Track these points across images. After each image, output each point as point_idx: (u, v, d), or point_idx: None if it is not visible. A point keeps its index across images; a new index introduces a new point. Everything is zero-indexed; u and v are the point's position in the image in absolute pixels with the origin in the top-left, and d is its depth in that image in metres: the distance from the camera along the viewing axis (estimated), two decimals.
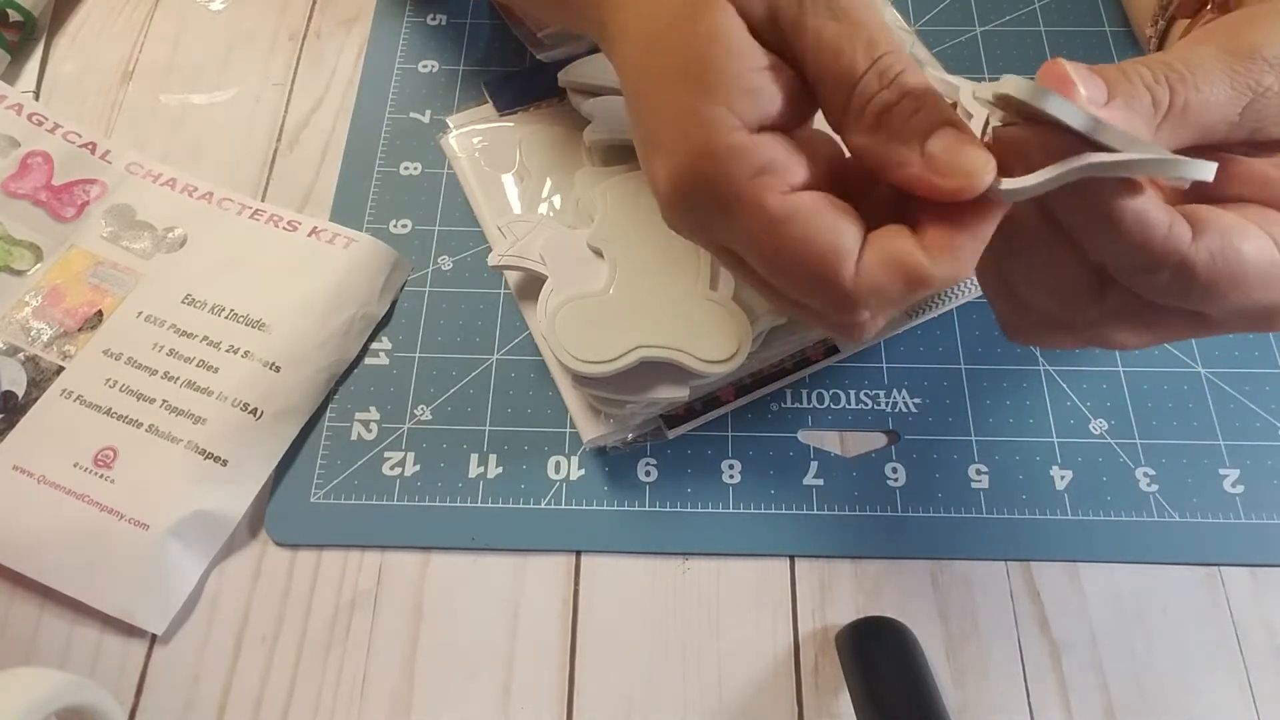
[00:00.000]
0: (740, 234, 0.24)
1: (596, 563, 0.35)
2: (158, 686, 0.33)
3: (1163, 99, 0.23)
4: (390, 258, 0.40)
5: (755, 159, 0.23)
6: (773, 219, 0.23)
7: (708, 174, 0.23)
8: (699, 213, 0.25)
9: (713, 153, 0.23)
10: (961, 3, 0.47)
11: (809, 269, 0.23)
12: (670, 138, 0.24)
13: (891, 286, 0.23)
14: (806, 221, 0.23)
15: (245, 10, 0.48)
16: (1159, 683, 0.33)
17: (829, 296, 0.23)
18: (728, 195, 0.23)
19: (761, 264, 0.24)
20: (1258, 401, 0.37)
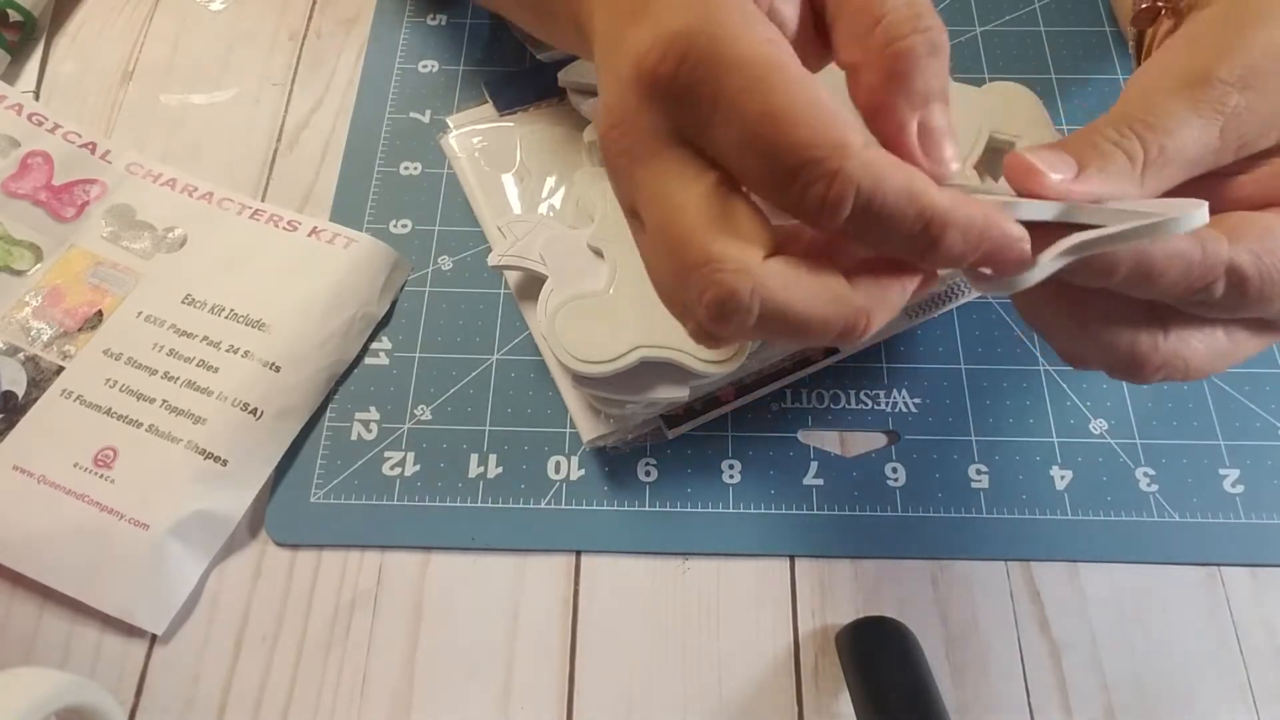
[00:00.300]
0: (733, 93, 0.21)
1: (596, 563, 0.35)
2: (158, 686, 0.33)
3: (1135, 152, 0.23)
4: (390, 258, 0.40)
5: (768, 28, 0.22)
6: (782, 69, 0.21)
7: (713, 24, 0.21)
8: (683, 78, 0.22)
9: (724, 5, 0.21)
10: (961, 3, 0.47)
11: (812, 129, 0.21)
12: (659, 4, 0.22)
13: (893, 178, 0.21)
14: (814, 87, 0.21)
15: (245, 10, 0.48)
16: (1159, 683, 0.33)
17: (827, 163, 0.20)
18: (732, 50, 0.21)
19: (751, 126, 0.21)
20: (1258, 401, 0.37)
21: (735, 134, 0.21)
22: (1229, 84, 0.23)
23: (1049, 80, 0.45)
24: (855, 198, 0.20)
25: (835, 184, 0.20)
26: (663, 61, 0.22)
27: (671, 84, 0.22)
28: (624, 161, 0.24)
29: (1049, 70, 0.45)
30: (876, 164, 0.21)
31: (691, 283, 0.22)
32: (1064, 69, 0.45)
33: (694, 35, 0.21)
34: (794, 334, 0.22)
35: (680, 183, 0.22)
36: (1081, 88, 0.44)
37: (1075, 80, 0.45)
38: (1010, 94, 0.36)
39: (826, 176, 0.20)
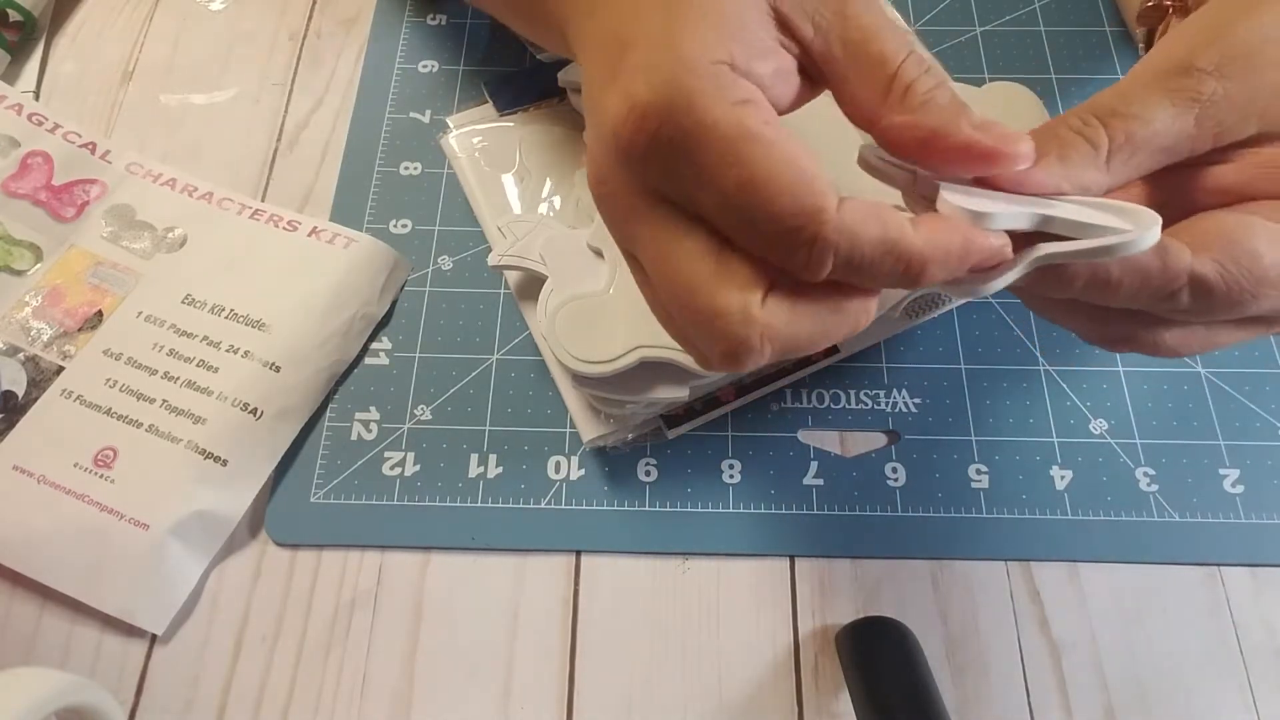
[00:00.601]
0: (710, 166, 0.22)
1: (596, 563, 0.35)
2: (158, 686, 0.33)
3: (1099, 139, 0.23)
4: (390, 258, 0.40)
5: (740, 89, 0.22)
6: (756, 139, 0.21)
7: (685, 94, 0.21)
8: (659, 149, 0.22)
9: (695, 71, 0.22)
10: (961, 3, 0.47)
11: (790, 197, 0.21)
12: (638, 61, 0.22)
13: (868, 233, 0.21)
14: (789, 147, 0.22)
15: (245, 10, 0.48)
16: (1159, 683, 0.33)
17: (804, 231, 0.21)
18: (705, 120, 0.21)
19: (730, 197, 0.22)
20: (1258, 401, 0.37)
21: (716, 198, 0.22)
22: (1205, 71, 0.23)
23: (1049, 80, 0.45)
24: (835, 257, 0.21)
25: (815, 249, 0.21)
26: (638, 133, 0.22)
27: (646, 155, 0.22)
28: (615, 216, 0.25)
29: (1049, 70, 0.45)
30: (850, 223, 0.21)
31: (702, 334, 0.23)
32: (1064, 69, 0.45)
33: (665, 108, 0.22)
34: (805, 351, 0.24)
35: (672, 238, 0.23)
36: (1081, 88, 0.44)
37: (1075, 80, 0.45)
38: (1010, 94, 0.36)
39: (806, 243, 0.21)
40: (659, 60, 0.22)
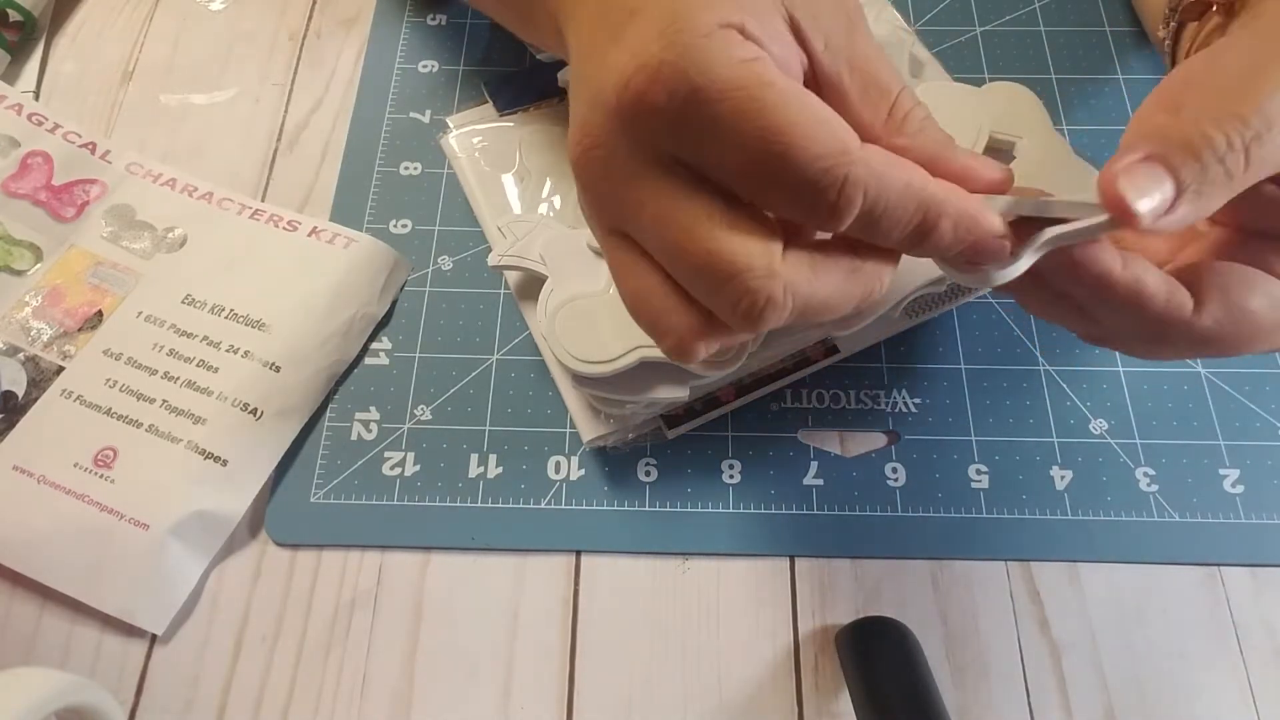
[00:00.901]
0: (728, 118, 0.21)
1: (596, 563, 0.35)
2: (158, 686, 0.33)
3: (1238, 167, 0.21)
4: (390, 258, 0.40)
5: (749, 49, 0.22)
6: (773, 87, 0.21)
7: (698, 50, 0.21)
8: (672, 108, 0.22)
9: (706, 32, 0.21)
10: (961, 3, 0.47)
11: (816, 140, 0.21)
12: (647, 23, 0.22)
13: (894, 175, 0.21)
14: (807, 96, 0.22)
15: (245, 10, 0.48)
16: (1159, 683, 0.33)
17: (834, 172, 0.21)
18: (719, 75, 0.21)
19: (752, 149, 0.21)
20: (1258, 401, 0.37)
21: (734, 157, 0.22)
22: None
23: (1049, 80, 0.45)
24: (864, 199, 0.21)
25: (845, 189, 0.21)
26: (650, 90, 0.22)
27: (660, 114, 0.22)
28: (607, 184, 0.24)
29: (1049, 70, 0.45)
30: (877, 163, 0.21)
31: (722, 295, 0.22)
32: (1064, 69, 0.45)
33: (679, 63, 0.21)
34: (822, 315, 0.23)
35: (680, 201, 0.23)
36: (1081, 88, 0.44)
37: (1075, 80, 0.45)
38: (1010, 94, 0.36)
39: (835, 184, 0.21)
40: (669, 21, 0.22)
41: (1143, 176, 0.21)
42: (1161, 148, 0.22)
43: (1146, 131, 0.22)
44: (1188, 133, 0.22)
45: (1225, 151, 0.21)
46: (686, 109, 0.21)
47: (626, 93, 0.22)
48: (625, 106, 0.22)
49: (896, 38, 0.40)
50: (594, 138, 0.23)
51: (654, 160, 0.23)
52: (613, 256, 0.25)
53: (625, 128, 0.23)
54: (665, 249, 0.23)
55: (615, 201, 0.24)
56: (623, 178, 0.23)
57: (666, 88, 0.21)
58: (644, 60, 0.22)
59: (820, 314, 0.23)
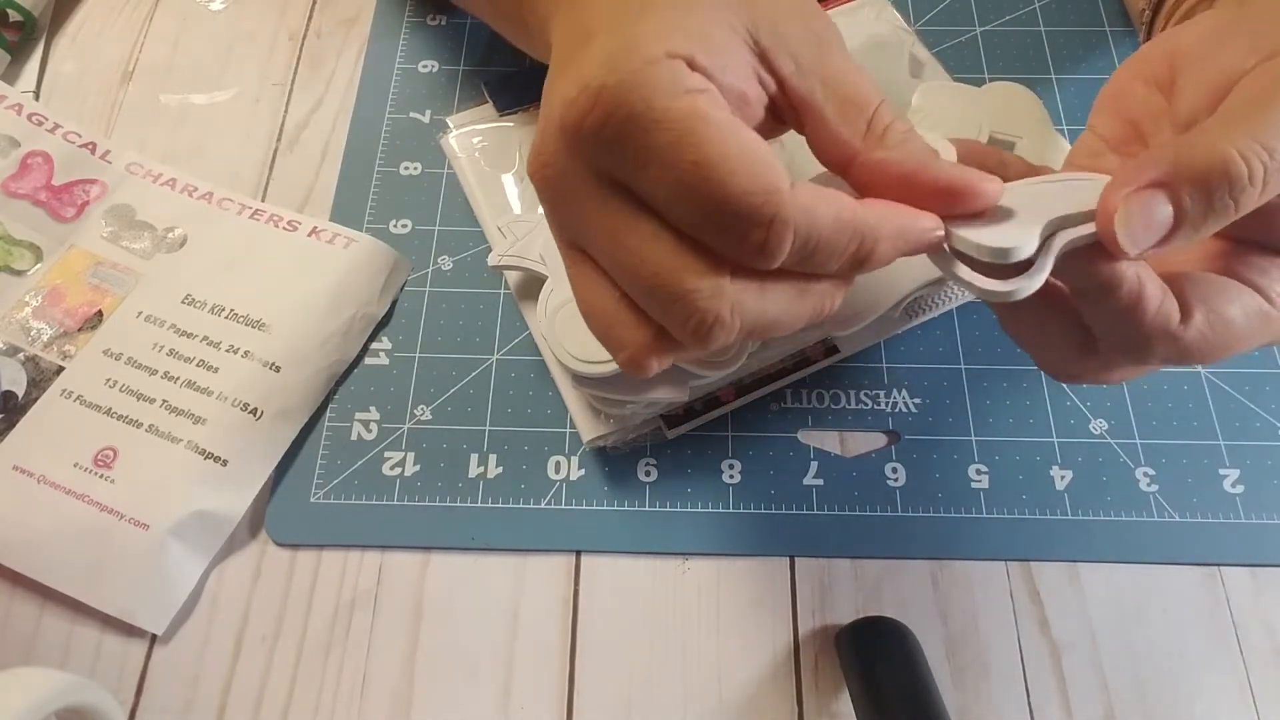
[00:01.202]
0: (663, 148, 0.21)
1: (596, 563, 0.35)
2: (158, 686, 0.33)
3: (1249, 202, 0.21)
4: (390, 258, 0.40)
5: (695, 80, 0.22)
6: (710, 122, 0.21)
7: (639, 78, 0.21)
8: (610, 132, 0.22)
9: (651, 60, 0.22)
10: (961, 3, 0.47)
11: (747, 176, 0.21)
12: (595, 48, 0.22)
13: (824, 211, 0.22)
14: (743, 133, 0.22)
15: (245, 10, 0.48)
16: (1159, 683, 0.33)
17: (763, 210, 0.21)
18: (657, 104, 0.21)
19: (684, 180, 0.21)
20: (1258, 401, 0.37)
21: (667, 186, 0.22)
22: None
23: (1049, 80, 0.45)
24: (795, 236, 0.21)
25: (774, 227, 0.21)
26: (588, 115, 0.22)
27: (597, 137, 0.22)
28: (559, 202, 0.24)
29: (1049, 70, 0.45)
30: (806, 201, 0.22)
31: (672, 313, 0.23)
32: (1064, 69, 0.45)
33: (618, 91, 0.21)
34: (772, 332, 0.24)
35: (628, 222, 0.23)
36: (1081, 88, 0.44)
37: (1075, 80, 0.45)
38: (1010, 94, 0.36)
39: (764, 221, 0.21)
40: (616, 47, 0.22)
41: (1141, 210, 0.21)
42: (1173, 174, 0.21)
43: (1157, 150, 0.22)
44: (1207, 162, 0.21)
45: (1245, 189, 0.21)
46: (622, 134, 0.22)
47: (569, 113, 0.22)
48: (568, 127, 0.23)
49: (896, 38, 0.40)
50: (545, 156, 0.24)
51: (601, 181, 0.23)
52: (571, 270, 0.26)
53: (569, 148, 0.23)
54: (617, 267, 0.24)
55: (569, 219, 0.25)
56: (574, 197, 0.24)
57: (604, 111, 0.22)
58: (587, 82, 0.22)
59: (770, 332, 0.24)
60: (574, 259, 0.25)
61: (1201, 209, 0.21)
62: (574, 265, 0.25)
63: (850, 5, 0.43)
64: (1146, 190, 0.21)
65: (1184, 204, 0.21)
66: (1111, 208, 0.21)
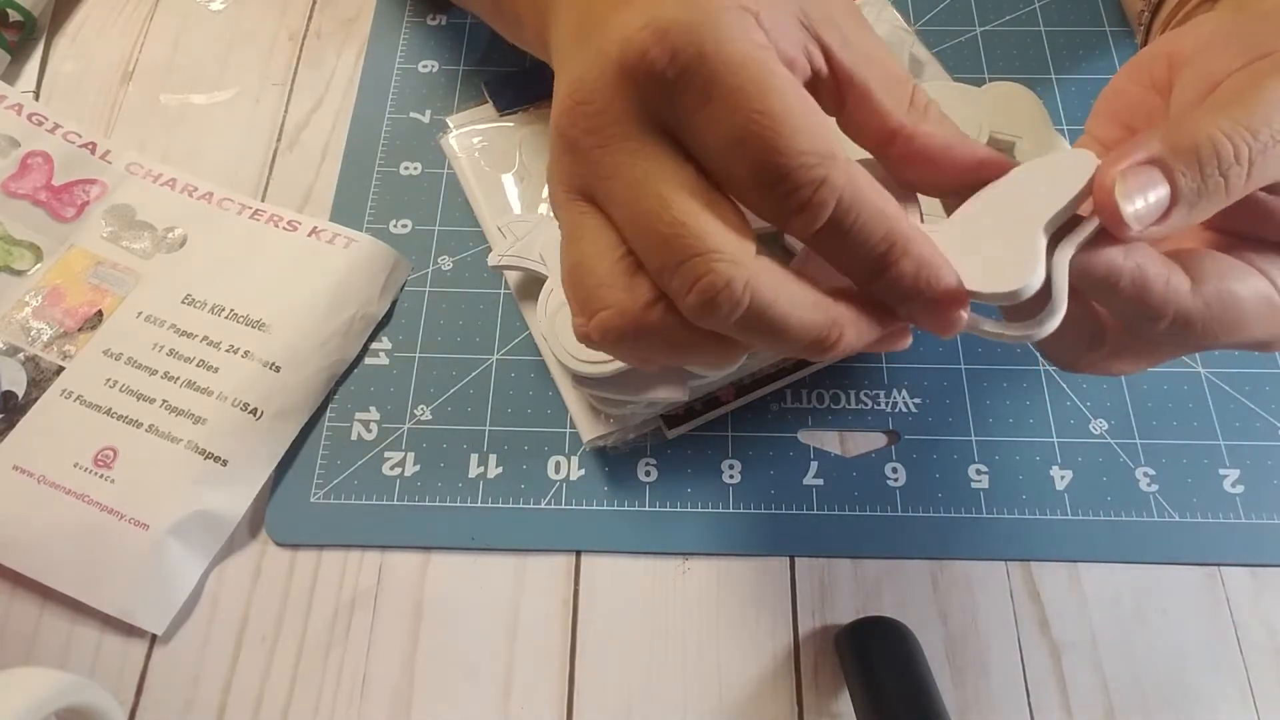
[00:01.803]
0: (728, 93, 0.21)
1: (596, 563, 0.35)
2: (158, 686, 0.33)
3: (1239, 181, 0.22)
4: (390, 258, 0.40)
5: (759, 33, 0.22)
6: (777, 75, 0.21)
7: (713, 19, 0.21)
8: (675, 70, 0.21)
9: (723, 6, 0.21)
10: (961, 3, 0.47)
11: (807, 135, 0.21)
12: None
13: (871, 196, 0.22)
14: (806, 93, 0.22)
15: (245, 10, 0.48)
16: (1159, 683, 0.33)
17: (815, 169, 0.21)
18: (729, 49, 0.21)
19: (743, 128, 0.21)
20: (1258, 401, 0.37)
21: (724, 131, 0.21)
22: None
23: (1049, 80, 0.45)
24: (836, 206, 0.21)
25: (821, 189, 0.21)
26: (656, 46, 0.21)
27: (662, 72, 0.22)
28: (589, 141, 0.23)
29: (1049, 70, 0.45)
30: (858, 179, 0.21)
31: (684, 271, 0.22)
32: (1064, 69, 0.45)
33: (691, 27, 0.21)
34: (771, 333, 0.22)
35: (663, 171, 0.22)
36: (1081, 88, 0.44)
37: (1075, 80, 0.45)
38: (1010, 94, 0.36)
39: (813, 182, 0.21)
40: None
41: (1138, 184, 0.21)
42: (1164, 152, 0.21)
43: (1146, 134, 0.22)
44: (1194, 139, 0.21)
45: (1231, 164, 0.21)
46: (687, 73, 0.21)
47: (630, 47, 0.22)
48: (628, 61, 0.22)
49: (896, 38, 0.40)
50: (587, 93, 0.23)
51: (645, 123, 0.22)
52: (570, 219, 0.24)
53: (622, 84, 0.22)
54: (634, 216, 0.23)
55: (593, 161, 0.23)
56: (609, 136, 0.23)
57: (673, 47, 0.21)
58: (655, 17, 0.22)
59: (771, 330, 0.22)
60: (579, 208, 0.24)
61: (1195, 185, 0.21)
62: (577, 214, 0.24)
63: None
64: (1142, 165, 0.21)
65: (1178, 180, 0.21)
66: (1109, 183, 0.21)
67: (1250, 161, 0.21)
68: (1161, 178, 0.21)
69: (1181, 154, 0.21)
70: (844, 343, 0.23)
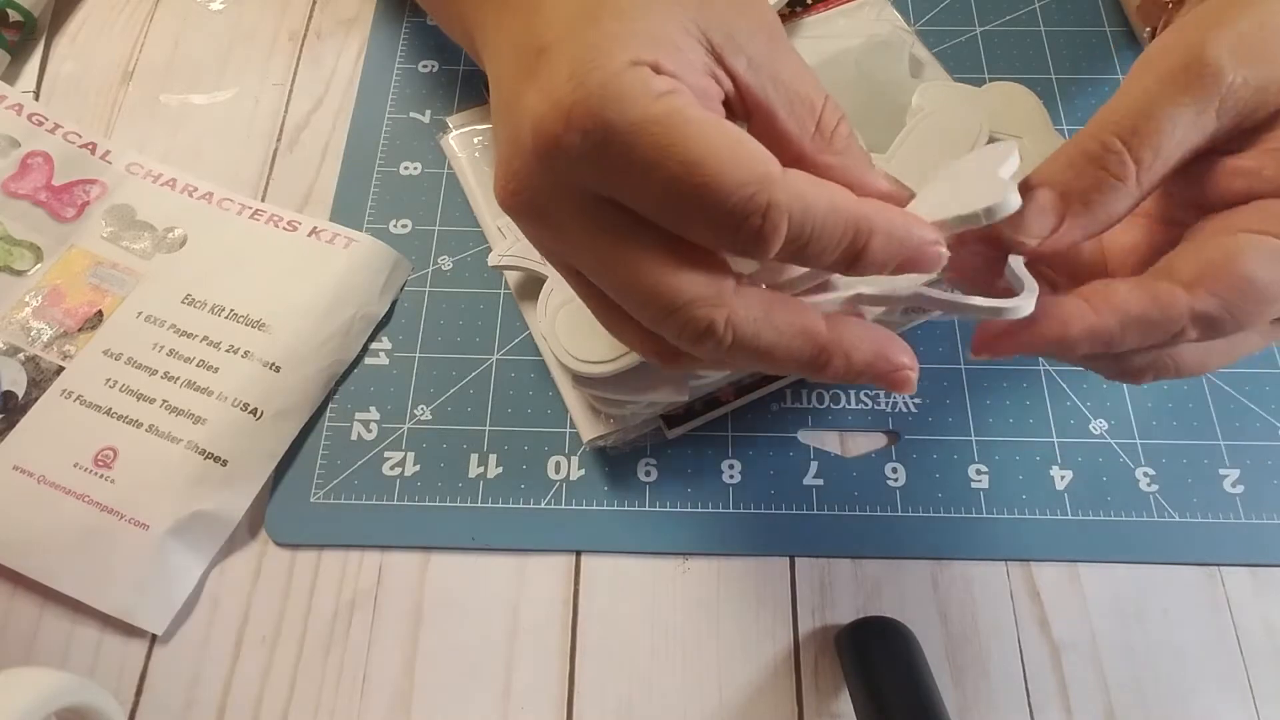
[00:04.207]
0: (647, 155, 0.21)
1: (596, 563, 0.35)
2: (158, 686, 0.33)
3: (1125, 168, 0.23)
4: (390, 258, 0.40)
5: (664, 83, 0.22)
6: (690, 120, 0.21)
7: (611, 88, 0.21)
8: (590, 147, 0.21)
9: (619, 70, 0.21)
10: (961, 3, 0.47)
11: (736, 167, 0.21)
12: (559, 61, 0.22)
13: (818, 197, 0.21)
14: (725, 125, 0.21)
15: (245, 10, 0.48)
16: (1159, 683, 0.33)
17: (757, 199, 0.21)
18: (634, 112, 0.21)
19: (674, 184, 0.21)
20: (1258, 401, 0.37)
21: (657, 191, 0.21)
22: (1220, 61, 0.22)
23: (1049, 80, 0.45)
24: (790, 224, 0.21)
25: (770, 215, 0.21)
26: (565, 131, 0.21)
27: (578, 152, 0.22)
28: (540, 228, 0.24)
29: (1049, 70, 0.45)
30: (800, 187, 0.21)
31: (669, 324, 0.22)
32: (1064, 69, 0.45)
33: (591, 102, 0.21)
34: (756, 361, 0.23)
35: (622, 239, 0.23)
36: (1081, 88, 0.44)
37: (1075, 80, 0.45)
38: (1010, 94, 0.36)
39: (759, 210, 0.21)
40: (578, 59, 0.22)
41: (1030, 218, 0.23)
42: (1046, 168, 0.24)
43: None
44: (1073, 155, 0.23)
45: (1102, 155, 0.23)
46: (602, 148, 0.21)
47: (541, 135, 0.22)
48: (541, 148, 0.22)
49: (896, 38, 0.40)
50: (518, 181, 0.23)
51: (582, 201, 0.23)
52: (573, 287, 0.26)
53: (545, 170, 0.22)
54: (612, 287, 0.23)
55: (553, 242, 0.24)
56: (554, 219, 0.23)
57: (580, 128, 0.21)
58: (556, 100, 0.21)
59: (756, 358, 0.23)
60: (571, 279, 0.25)
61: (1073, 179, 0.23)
62: (572, 282, 0.25)
63: (850, 5, 0.43)
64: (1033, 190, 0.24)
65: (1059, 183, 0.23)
66: None
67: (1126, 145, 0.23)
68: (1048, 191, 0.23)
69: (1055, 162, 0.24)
70: (834, 366, 0.23)
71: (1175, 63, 0.23)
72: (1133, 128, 0.23)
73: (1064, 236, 0.23)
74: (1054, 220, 0.23)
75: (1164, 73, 0.23)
